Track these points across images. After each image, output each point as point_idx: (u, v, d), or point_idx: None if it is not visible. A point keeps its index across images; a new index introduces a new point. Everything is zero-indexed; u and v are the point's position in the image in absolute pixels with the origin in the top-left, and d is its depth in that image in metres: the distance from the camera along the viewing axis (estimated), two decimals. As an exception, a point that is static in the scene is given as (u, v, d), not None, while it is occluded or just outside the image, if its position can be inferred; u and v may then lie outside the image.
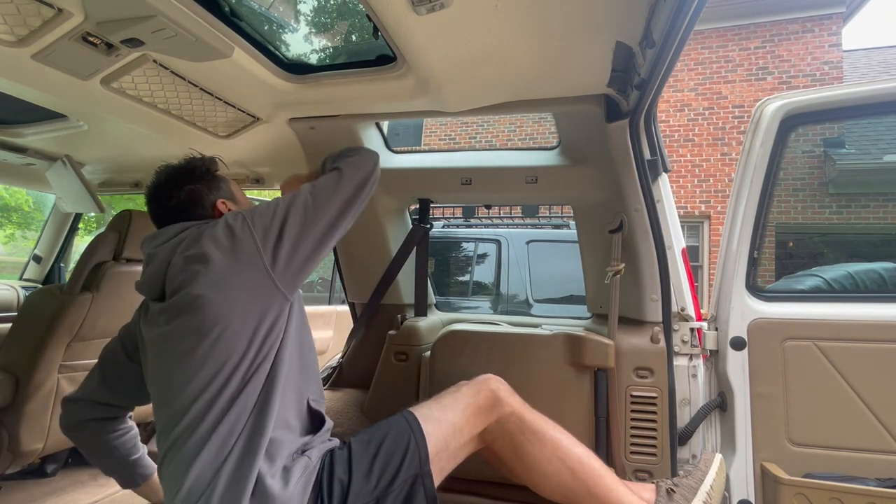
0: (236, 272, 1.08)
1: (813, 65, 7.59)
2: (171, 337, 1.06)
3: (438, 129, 9.49)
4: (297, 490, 1.02)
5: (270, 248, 1.11)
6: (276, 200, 1.20)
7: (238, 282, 1.07)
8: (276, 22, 1.48)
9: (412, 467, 1.10)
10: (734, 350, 1.68)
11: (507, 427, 1.19)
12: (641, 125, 1.59)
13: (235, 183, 1.44)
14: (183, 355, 1.04)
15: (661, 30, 1.11)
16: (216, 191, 1.32)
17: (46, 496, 2.12)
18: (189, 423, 1.00)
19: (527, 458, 1.18)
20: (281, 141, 1.98)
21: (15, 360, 1.84)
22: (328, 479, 1.06)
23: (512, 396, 1.25)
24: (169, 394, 1.05)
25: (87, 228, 6.98)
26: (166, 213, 1.27)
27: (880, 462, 1.52)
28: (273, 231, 1.12)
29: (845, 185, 6.72)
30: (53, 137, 2.05)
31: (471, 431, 1.19)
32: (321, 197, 1.20)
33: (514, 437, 1.19)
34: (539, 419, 1.24)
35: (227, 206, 1.31)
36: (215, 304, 1.04)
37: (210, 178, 1.33)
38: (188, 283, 1.06)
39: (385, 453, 1.11)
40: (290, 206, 1.17)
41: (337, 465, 1.08)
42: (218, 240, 1.10)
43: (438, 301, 2.65)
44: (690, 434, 1.69)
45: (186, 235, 1.16)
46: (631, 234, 1.71)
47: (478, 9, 1.13)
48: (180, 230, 1.19)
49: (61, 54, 1.28)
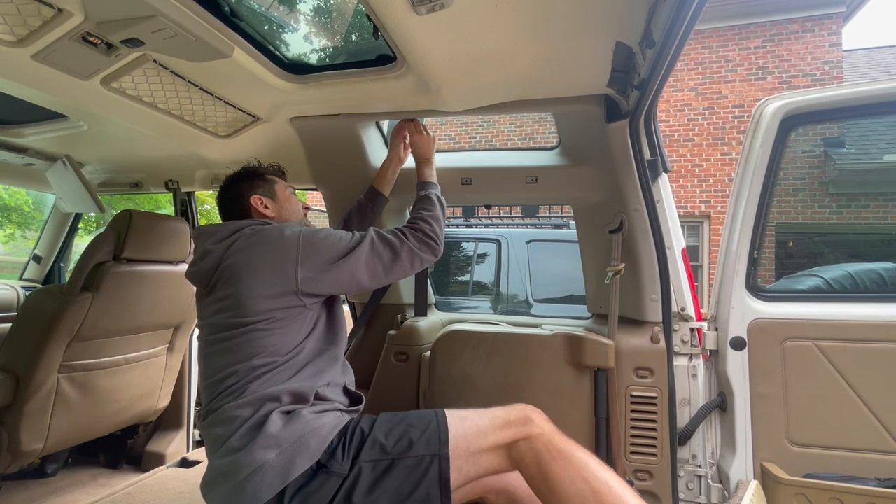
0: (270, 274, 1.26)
1: (813, 65, 7.59)
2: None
3: (438, 129, 9.48)
4: (328, 423, 1.20)
5: (306, 272, 1.28)
6: (337, 240, 1.34)
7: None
8: (276, 22, 1.48)
9: (431, 446, 1.16)
10: (734, 350, 1.68)
11: (535, 446, 1.17)
12: (641, 125, 1.59)
13: (287, 185, 1.60)
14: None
15: (661, 30, 1.10)
16: (255, 189, 1.50)
17: (46, 496, 2.12)
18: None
19: (550, 477, 1.14)
20: (281, 140, 1.98)
21: (15, 360, 1.84)
22: (353, 428, 1.22)
23: (545, 422, 1.23)
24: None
25: (87, 228, 6.98)
26: (220, 207, 1.52)
27: (880, 462, 1.52)
28: (317, 264, 1.29)
29: (845, 185, 6.72)
30: (53, 137, 2.06)
31: (496, 440, 1.19)
32: (375, 260, 1.36)
33: (541, 454, 1.16)
34: (569, 442, 1.20)
35: (262, 202, 1.48)
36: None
37: (254, 178, 1.53)
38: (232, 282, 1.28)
39: (406, 424, 1.22)
40: (346, 256, 1.32)
41: (363, 421, 1.25)
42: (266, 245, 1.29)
43: (438, 301, 2.65)
44: (690, 434, 1.69)
45: (238, 237, 1.32)
46: (631, 234, 1.71)
47: (478, 9, 1.13)
48: (236, 229, 1.35)
49: (61, 54, 1.28)
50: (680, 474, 1.69)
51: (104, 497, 1.96)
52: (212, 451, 1.20)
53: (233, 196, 1.50)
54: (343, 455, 1.15)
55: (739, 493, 1.46)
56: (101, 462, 2.47)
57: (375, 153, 2.03)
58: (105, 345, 2.02)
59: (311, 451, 1.14)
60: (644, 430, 1.67)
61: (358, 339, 2.26)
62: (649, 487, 1.66)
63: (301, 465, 1.12)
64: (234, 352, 1.23)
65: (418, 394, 1.98)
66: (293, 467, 1.11)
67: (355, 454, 1.16)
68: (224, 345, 1.24)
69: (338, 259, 1.30)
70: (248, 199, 1.47)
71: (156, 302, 2.13)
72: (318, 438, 1.16)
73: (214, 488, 1.16)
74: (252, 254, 1.26)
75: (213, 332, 1.27)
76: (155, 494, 1.97)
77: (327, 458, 1.15)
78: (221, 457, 1.16)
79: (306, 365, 1.28)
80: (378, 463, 1.15)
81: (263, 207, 1.48)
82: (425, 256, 1.42)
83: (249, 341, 1.22)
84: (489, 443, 1.18)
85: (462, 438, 1.18)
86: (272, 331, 1.24)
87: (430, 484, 1.13)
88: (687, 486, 1.70)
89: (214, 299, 1.29)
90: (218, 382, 1.23)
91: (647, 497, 1.66)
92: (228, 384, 1.21)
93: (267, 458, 1.11)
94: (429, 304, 2.33)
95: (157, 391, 2.34)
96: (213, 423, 1.21)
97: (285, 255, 1.26)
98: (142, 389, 2.24)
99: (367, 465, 1.15)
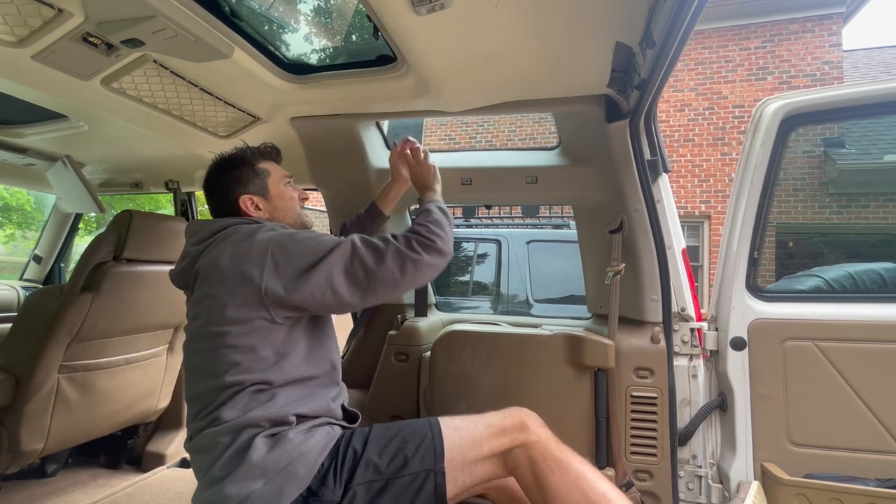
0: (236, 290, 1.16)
1: (813, 65, 7.59)
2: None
3: (438, 129, 9.48)
4: (317, 444, 1.12)
5: (276, 285, 1.14)
6: (316, 244, 1.18)
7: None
8: (276, 22, 1.48)
9: (426, 461, 1.11)
10: (734, 350, 1.68)
11: (531, 454, 1.14)
12: (641, 125, 1.59)
13: (282, 175, 1.42)
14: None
15: (661, 30, 1.10)
16: (244, 185, 1.35)
17: (46, 496, 2.12)
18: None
19: (547, 488, 1.11)
20: (281, 140, 1.97)
21: (15, 361, 1.84)
22: (344, 447, 1.14)
23: (541, 428, 1.20)
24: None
25: (87, 228, 6.97)
26: (206, 197, 1.39)
27: (880, 462, 1.52)
28: (288, 271, 1.14)
29: (845, 185, 6.71)
30: (54, 137, 2.06)
31: (491, 448, 1.16)
32: (351, 274, 1.17)
33: (537, 463, 1.13)
34: (566, 450, 1.17)
35: (252, 203, 1.34)
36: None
37: (243, 171, 1.36)
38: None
39: (400, 440, 1.15)
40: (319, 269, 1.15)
41: (355, 437, 1.17)
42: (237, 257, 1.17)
43: (438, 301, 2.65)
44: (690, 434, 1.69)
45: (215, 240, 1.22)
46: (631, 234, 1.71)
47: (478, 9, 1.13)
48: (216, 230, 1.25)
49: (61, 54, 1.28)
50: (680, 474, 1.69)
51: (104, 497, 1.96)
52: (198, 477, 1.15)
53: (221, 190, 1.35)
54: (335, 480, 1.09)
55: (741, 494, 1.46)
56: (101, 462, 2.47)
57: (375, 153, 2.03)
58: (105, 345, 2.02)
59: (299, 478, 1.07)
60: (644, 431, 1.67)
61: (358, 339, 2.26)
62: (649, 488, 1.66)
63: (290, 495, 1.05)
64: (204, 366, 1.15)
65: (418, 394, 1.98)
66: (281, 497, 1.05)
67: (348, 478, 1.10)
68: (198, 356, 1.17)
69: (313, 265, 1.14)
70: (237, 199, 1.33)
71: (156, 302, 2.13)
72: (306, 465, 1.08)
73: None
74: (221, 257, 1.16)
75: (190, 338, 1.21)
76: (155, 495, 1.97)
77: (318, 484, 1.08)
78: (206, 486, 1.09)
79: (283, 388, 1.16)
80: (372, 484, 1.10)
81: (255, 209, 1.34)
82: (420, 257, 1.19)
83: (218, 356, 1.13)
84: (484, 451, 1.15)
85: (458, 450, 1.14)
86: (239, 346, 1.13)
87: (426, 499, 1.10)
88: (687, 487, 1.70)
89: (191, 303, 1.22)
90: (195, 400, 1.17)
91: (648, 497, 1.66)
92: (202, 406, 1.15)
93: (252, 488, 1.04)
94: (429, 304, 2.33)
95: (157, 391, 2.34)
96: (195, 450, 1.15)
97: (251, 260, 1.13)
98: (142, 390, 2.24)
99: (362, 487, 1.09)
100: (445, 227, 1.29)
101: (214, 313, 1.14)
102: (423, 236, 1.22)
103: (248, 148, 1.39)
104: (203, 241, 1.24)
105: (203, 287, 1.17)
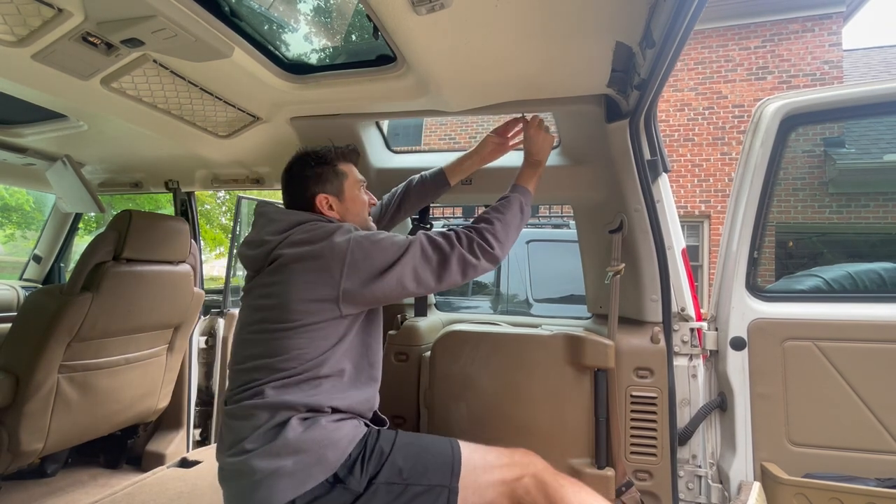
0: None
1: (813, 64, 7.59)
2: None
3: (438, 129, 9.48)
4: (347, 434, 1.19)
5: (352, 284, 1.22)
6: (389, 245, 1.26)
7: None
8: (276, 22, 1.48)
9: (444, 477, 1.17)
10: (734, 350, 1.68)
11: (543, 478, 1.23)
12: (641, 125, 1.59)
13: (357, 179, 1.46)
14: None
15: (661, 30, 1.11)
16: (322, 184, 1.39)
17: (46, 496, 2.12)
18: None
19: (561, 501, 1.20)
20: (281, 140, 1.98)
21: (15, 360, 1.84)
22: (373, 444, 1.20)
23: (543, 465, 1.29)
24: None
25: (87, 228, 6.98)
26: (283, 186, 1.43)
27: (880, 462, 1.52)
28: (365, 274, 1.22)
29: (845, 185, 6.72)
30: (53, 137, 2.06)
31: (501, 475, 1.23)
32: (421, 268, 1.27)
33: (548, 484, 1.21)
34: (569, 482, 1.26)
35: (327, 202, 1.39)
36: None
37: (324, 169, 1.40)
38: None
39: (423, 450, 1.22)
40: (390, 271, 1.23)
41: (383, 438, 1.23)
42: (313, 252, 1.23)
43: (438, 301, 2.65)
44: (690, 434, 1.69)
45: (294, 232, 1.28)
46: (631, 234, 1.71)
47: (478, 9, 1.13)
48: (295, 223, 1.30)
49: (61, 54, 1.28)
50: (680, 474, 1.69)
51: (104, 497, 1.96)
52: (227, 444, 1.21)
53: (300, 183, 1.39)
54: (361, 471, 1.15)
55: (742, 495, 1.46)
56: (101, 462, 2.47)
57: (375, 153, 2.03)
58: (105, 345, 2.02)
59: (328, 463, 1.13)
60: (644, 431, 1.67)
61: (358, 339, 2.25)
62: (649, 487, 1.66)
63: (317, 477, 1.12)
64: (261, 345, 1.22)
65: (418, 394, 1.98)
66: (309, 478, 1.11)
67: (373, 473, 1.16)
68: (257, 335, 1.24)
69: (387, 268, 1.23)
70: (314, 197, 1.38)
71: (156, 302, 2.13)
72: (336, 451, 1.15)
73: (227, 481, 1.19)
74: (303, 253, 1.23)
75: (251, 316, 1.27)
76: (155, 494, 1.97)
77: (345, 472, 1.14)
78: (235, 455, 1.16)
79: (327, 379, 1.23)
80: (393, 486, 1.15)
81: (328, 208, 1.39)
82: (479, 263, 1.30)
83: (279, 338, 1.21)
84: (495, 478, 1.22)
85: (472, 471, 1.21)
86: (301, 335, 1.21)
87: None
88: (687, 486, 1.70)
89: (260, 284, 1.27)
90: (242, 373, 1.23)
91: (648, 497, 1.66)
92: (249, 379, 1.21)
93: (283, 463, 1.11)
94: (429, 304, 2.33)
95: (157, 391, 2.34)
96: (232, 416, 1.21)
97: (333, 258, 1.21)
98: (142, 389, 2.24)
99: (384, 486, 1.15)
100: (511, 232, 1.37)
101: (286, 300, 1.20)
102: (487, 241, 1.31)
103: (332, 147, 1.44)
104: (282, 231, 1.29)
105: (280, 274, 1.23)
